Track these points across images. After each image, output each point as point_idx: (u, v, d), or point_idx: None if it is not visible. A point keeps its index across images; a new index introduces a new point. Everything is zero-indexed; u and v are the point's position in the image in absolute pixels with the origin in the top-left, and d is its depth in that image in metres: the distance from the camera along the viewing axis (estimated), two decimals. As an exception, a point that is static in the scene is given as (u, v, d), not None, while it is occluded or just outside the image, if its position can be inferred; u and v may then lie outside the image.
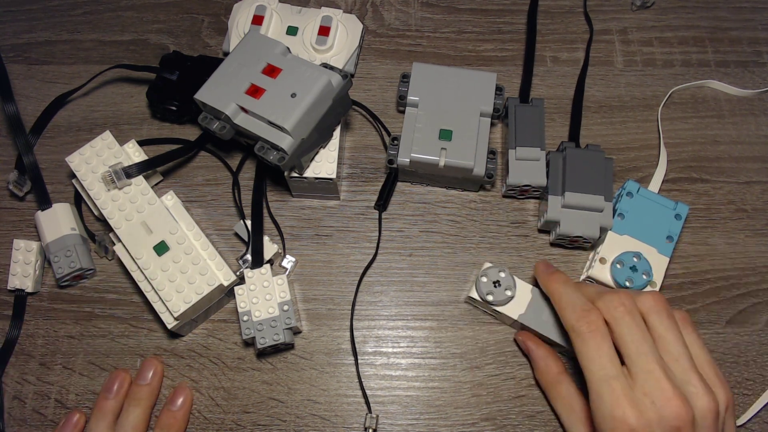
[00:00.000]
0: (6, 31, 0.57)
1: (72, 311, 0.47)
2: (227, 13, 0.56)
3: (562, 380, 0.42)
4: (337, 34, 0.52)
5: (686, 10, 0.57)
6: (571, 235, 0.45)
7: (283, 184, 0.49)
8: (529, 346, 0.44)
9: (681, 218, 0.46)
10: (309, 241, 0.49)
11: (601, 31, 0.56)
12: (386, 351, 0.46)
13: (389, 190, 0.49)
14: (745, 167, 0.51)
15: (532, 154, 0.47)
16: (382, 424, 0.44)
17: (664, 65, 0.55)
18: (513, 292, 0.43)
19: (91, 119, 0.53)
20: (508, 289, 0.43)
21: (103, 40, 0.56)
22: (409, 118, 0.47)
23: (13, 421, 0.44)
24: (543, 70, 0.54)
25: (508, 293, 0.43)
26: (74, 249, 0.46)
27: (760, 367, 0.45)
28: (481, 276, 0.44)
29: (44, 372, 0.45)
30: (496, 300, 0.43)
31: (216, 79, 0.43)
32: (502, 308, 0.44)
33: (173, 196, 0.46)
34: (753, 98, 0.53)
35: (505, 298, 0.43)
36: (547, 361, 0.43)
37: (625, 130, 0.52)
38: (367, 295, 0.47)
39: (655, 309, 0.36)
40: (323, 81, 0.42)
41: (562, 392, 0.42)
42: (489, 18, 0.57)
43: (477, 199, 0.50)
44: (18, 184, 0.49)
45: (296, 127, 0.41)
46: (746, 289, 0.47)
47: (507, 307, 0.44)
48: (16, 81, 0.54)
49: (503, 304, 0.44)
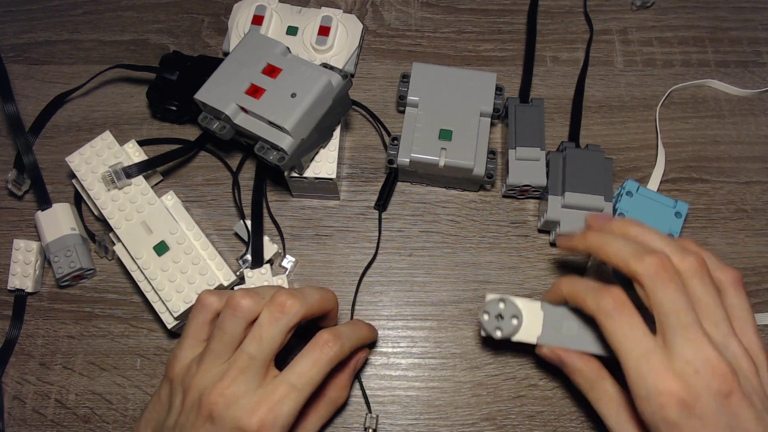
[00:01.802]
0: (6, 31, 0.57)
1: (72, 311, 0.47)
2: (227, 13, 0.56)
3: (604, 376, 0.38)
4: (337, 34, 0.52)
5: (686, 10, 0.57)
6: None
7: (283, 184, 0.49)
8: (560, 354, 0.39)
9: (681, 216, 0.46)
10: (309, 241, 0.49)
11: (601, 31, 0.56)
12: (386, 351, 0.46)
13: (389, 190, 0.49)
14: (745, 167, 0.51)
15: (532, 154, 0.47)
16: (382, 424, 0.44)
17: (664, 65, 0.55)
18: (520, 319, 0.39)
19: (91, 119, 0.53)
20: (514, 318, 0.39)
21: (103, 40, 0.56)
22: (409, 118, 0.47)
23: (13, 421, 0.44)
24: (543, 70, 0.54)
25: (515, 322, 0.39)
26: (74, 249, 0.46)
27: (760, 367, 0.45)
28: (482, 315, 0.40)
29: (44, 372, 0.45)
30: (506, 334, 0.39)
31: (216, 79, 0.43)
32: (517, 337, 0.40)
33: (173, 196, 0.46)
34: (753, 98, 0.53)
35: (514, 328, 0.39)
36: (584, 361, 0.39)
37: (625, 130, 0.52)
38: (367, 295, 0.47)
39: (698, 272, 0.34)
40: (323, 81, 0.42)
41: (607, 389, 0.38)
42: (489, 18, 0.57)
43: (477, 199, 0.50)
44: (17, 183, 0.49)
45: (296, 127, 0.41)
46: (746, 289, 0.47)
47: (521, 334, 0.40)
48: (16, 81, 0.54)
49: (515, 333, 0.40)
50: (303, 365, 0.35)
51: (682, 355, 0.32)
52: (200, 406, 0.34)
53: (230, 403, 0.34)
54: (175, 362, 0.37)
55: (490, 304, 0.40)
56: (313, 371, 0.35)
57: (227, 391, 0.34)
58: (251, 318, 0.36)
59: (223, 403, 0.33)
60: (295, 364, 0.35)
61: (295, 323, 0.36)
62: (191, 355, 0.37)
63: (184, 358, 0.37)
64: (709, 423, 0.31)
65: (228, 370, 0.34)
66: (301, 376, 0.35)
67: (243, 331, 0.36)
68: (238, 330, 0.36)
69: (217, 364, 0.35)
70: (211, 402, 0.34)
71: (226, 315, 0.36)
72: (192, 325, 0.38)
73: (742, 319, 0.35)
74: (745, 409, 0.31)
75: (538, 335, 0.39)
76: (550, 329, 0.39)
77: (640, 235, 0.37)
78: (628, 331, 0.33)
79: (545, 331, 0.39)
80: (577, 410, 0.44)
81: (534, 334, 0.39)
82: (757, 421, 0.31)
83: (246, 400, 0.34)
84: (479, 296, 0.47)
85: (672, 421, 0.31)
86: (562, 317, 0.39)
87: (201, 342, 0.37)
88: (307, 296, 0.37)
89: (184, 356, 0.37)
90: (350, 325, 0.40)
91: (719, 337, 0.33)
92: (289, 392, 0.34)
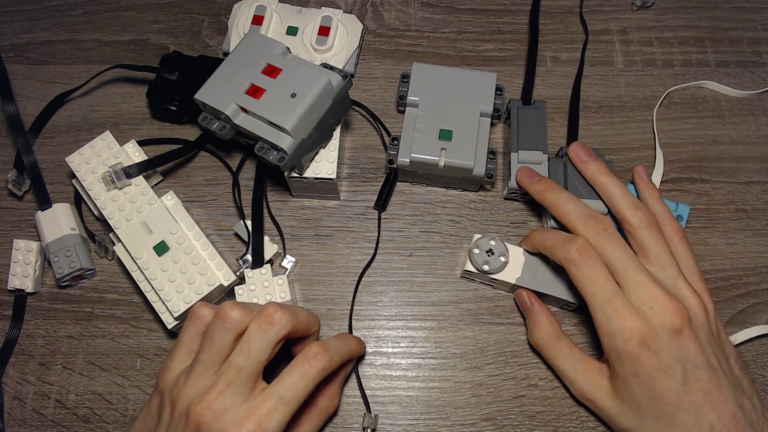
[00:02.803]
0: (6, 31, 0.57)
1: (72, 311, 0.47)
2: (227, 13, 0.56)
3: (561, 336, 0.43)
4: (337, 34, 0.52)
5: (686, 10, 0.57)
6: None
7: (283, 184, 0.49)
8: (534, 303, 0.44)
9: (683, 219, 0.46)
10: (309, 241, 0.49)
11: (601, 31, 0.56)
12: (386, 351, 0.46)
13: (389, 190, 0.49)
14: (745, 167, 0.51)
15: (534, 158, 0.47)
16: (382, 424, 0.44)
17: (664, 65, 0.55)
18: (507, 257, 0.44)
19: (91, 119, 0.53)
20: (502, 256, 0.44)
21: (103, 40, 0.56)
22: (409, 118, 0.47)
23: (13, 421, 0.44)
24: (543, 70, 0.54)
25: (503, 259, 0.44)
26: (74, 249, 0.46)
27: (760, 368, 0.45)
28: (473, 248, 0.44)
29: (44, 372, 0.45)
30: (492, 268, 0.44)
31: (216, 79, 0.43)
32: (499, 275, 0.44)
33: (173, 196, 0.46)
34: (753, 98, 0.53)
35: (501, 265, 0.44)
36: (550, 318, 0.44)
37: (624, 130, 0.52)
38: (366, 295, 0.47)
39: (645, 224, 0.40)
40: (323, 81, 0.42)
41: (563, 347, 0.42)
42: (489, 18, 0.57)
43: (477, 199, 0.50)
44: (17, 183, 0.49)
45: (296, 127, 0.41)
46: (746, 289, 0.47)
47: (503, 273, 0.44)
48: (16, 81, 0.54)
49: (500, 271, 0.44)
50: (291, 378, 0.35)
51: (637, 296, 0.37)
52: (188, 419, 0.34)
53: (218, 416, 0.33)
54: (165, 373, 0.37)
55: (482, 241, 0.44)
56: (301, 384, 0.35)
57: (214, 404, 0.34)
58: (240, 329, 0.36)
59: (211, 415, 0.33)
60: (283, 376, 0.35)
61: (283, 335, 0.36)
62: (181, 366, 0.37)
63: (175, 369, 0.37)
64: (664, 356, 0.36)
65: (216, 383, 0.34)
66: (289, 388, 0.35)
67: (232, 342, 0.36)
68: (227, 341, 0.36)
69: (205, 376, 0.35)
70: (198, 414, 0.34)
71: (216, 326, 0.36)
72: (184, 336, 0.38)
73: (687, 265, 0.41)
74: (693, 343, 0.36)
75: (518, 277, 0.44)
76: (528, 273, 0.44)
77: (602, 185, 0.43)
78: (593, 278, 0.38)
79: (524, 274, 0.44)
80: (577, 410, 0.44)
81: (514, 276, 0.44)
82: (702, 354, 0.37)
83: (233, 413, 0.34)
84: (479, 296, 0.47)
85: (634, 354, 0.36)
86: (539, 264, 0.44)
87: (192, 353, 0.37)
88: (296, 311, 0.37)
89: (174, 367, 0.37)
90: (339, 338, 0.40)
91: (668, 279, 0.39)
92: (277, 405, 0.34)
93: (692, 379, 0.36)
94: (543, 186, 0.43)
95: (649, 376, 0.36)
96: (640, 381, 0.37)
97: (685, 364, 0.36)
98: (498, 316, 0.46)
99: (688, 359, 0.36)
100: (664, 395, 0.36)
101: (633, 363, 0.37)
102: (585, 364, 0.42)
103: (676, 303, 0.36)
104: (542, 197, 0.43)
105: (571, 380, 0.42)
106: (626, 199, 0.41)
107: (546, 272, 0.44)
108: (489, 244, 0.44)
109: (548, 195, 0.43)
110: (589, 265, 0.38)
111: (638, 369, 0.37)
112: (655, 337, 0.36)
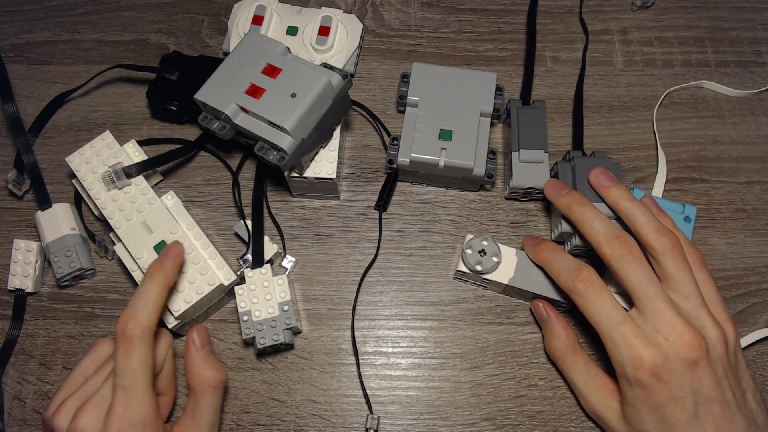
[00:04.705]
0: (6, 31, 0.57)
1: (72, 311, 0.47)
2: (227, 13, 0.56)
3: (578, 350, 0.43)
4: (337, 34, 0.52)
5: (686, 10, 0.57)
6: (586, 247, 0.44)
7: (283, 184, 0.49)
8: (551, 315, 0.44)
9: (690, 221, 0.46)
10: (309, 241, 0.49)
11: (601, 31, 0.56)
12: (386, 351, 0.46)
13: (389, 190, 0.49)
14: (745, 167, 0.51)
15: (535, 157, 0.47)
16: (382, 423, 0.44)
17: (664, 65, 0.55)
18: (499, 257, 0.44)
19: (91, 119, 0.53)
20: (495, 256, 0.44)
21: (103, 40, 0.56)
22: (409, 118, 0.47)
23: (13, 421, 0.44)
24: (543, 70, 0.54)
25: (495, 259, 0.44)
26: (74, 249, 0.46)
27: (760, 368, 0.45)
28: (466, 248, 0.44)
29: (44, 372, 0.45)
30: (485, 269, 0.44)
31: (216, 79, 0.43)
32: (492, 275, 0.44)
33: (173, 196, 0.46)
34: (753, 98, 0.53)
35: (493, 265, 0.44)
36: (567, 330, 0.43)
37: (625, 130, 0.52)
38: (367, 295, 0.47)
39: (669, 250, 0.38)
40: (323, 81, 0.42)
41: (579, 361, 0.42)
42: (489, 18, 0.57)
43: (477, 199, 0.50)
44: (16, 183, 0.49)
45: (296, 127, 0.41)
46: (746, 289, 0.47)
47: (496, 273, 0.44)
48: (16, 81, 0.54)
49: (492, 272, 0.44)
50: (117, 364, 0.36)
51: (653, 325, 0.36)
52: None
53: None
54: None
55: (474, 241, 0.44)
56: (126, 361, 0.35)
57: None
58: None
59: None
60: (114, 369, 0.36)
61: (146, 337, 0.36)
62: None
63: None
64: (675, 386, 0.35)
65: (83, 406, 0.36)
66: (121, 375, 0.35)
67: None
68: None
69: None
70: None
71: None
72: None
73: (708, 293, 0.39)
74: (708, 377, 0.35)
75: (510, 277, 0.44)
76: (520, 274, 0.44)
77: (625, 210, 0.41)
78: (599, 307, 0.38)
79: (517, 274, 0.44)
80: (577, 410, 0.44)
81: (506, 276, 0.44)
82: (717, 387, 0.36)
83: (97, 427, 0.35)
84: (479, 296, 0.47)
85: (644, 383, 0.36)
86: (531, 265, 0.44)
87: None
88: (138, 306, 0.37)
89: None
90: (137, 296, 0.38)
91: (690, 309, 0.37)
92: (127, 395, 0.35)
93: (704, 413, 0.35)
94: (570, 199, 0.42)
95: (659, 405, 0.36)
96: (650, 409, 0.36)
97: (697, 397, 0.35)
98: (498, 316, 0.46)
99: (701, 392, 0.35)
100: (674, 426, 0.36)
101: (643, 391, 0.36)
102: (599, 380, 0.41)
103: (694, 334, 0.35)
104: (568, 211, 0.42)
105: (583, 395, 0.42)
106: (650, 223, 0.39)
107: (539, 273, 0.44)
108: (481, 244, 0.44)
109: (575, 209, 0.42)
110: (594, 293, 0.38)
111: (648, 397, 0.36)
112: (668, 367, 0.35)
